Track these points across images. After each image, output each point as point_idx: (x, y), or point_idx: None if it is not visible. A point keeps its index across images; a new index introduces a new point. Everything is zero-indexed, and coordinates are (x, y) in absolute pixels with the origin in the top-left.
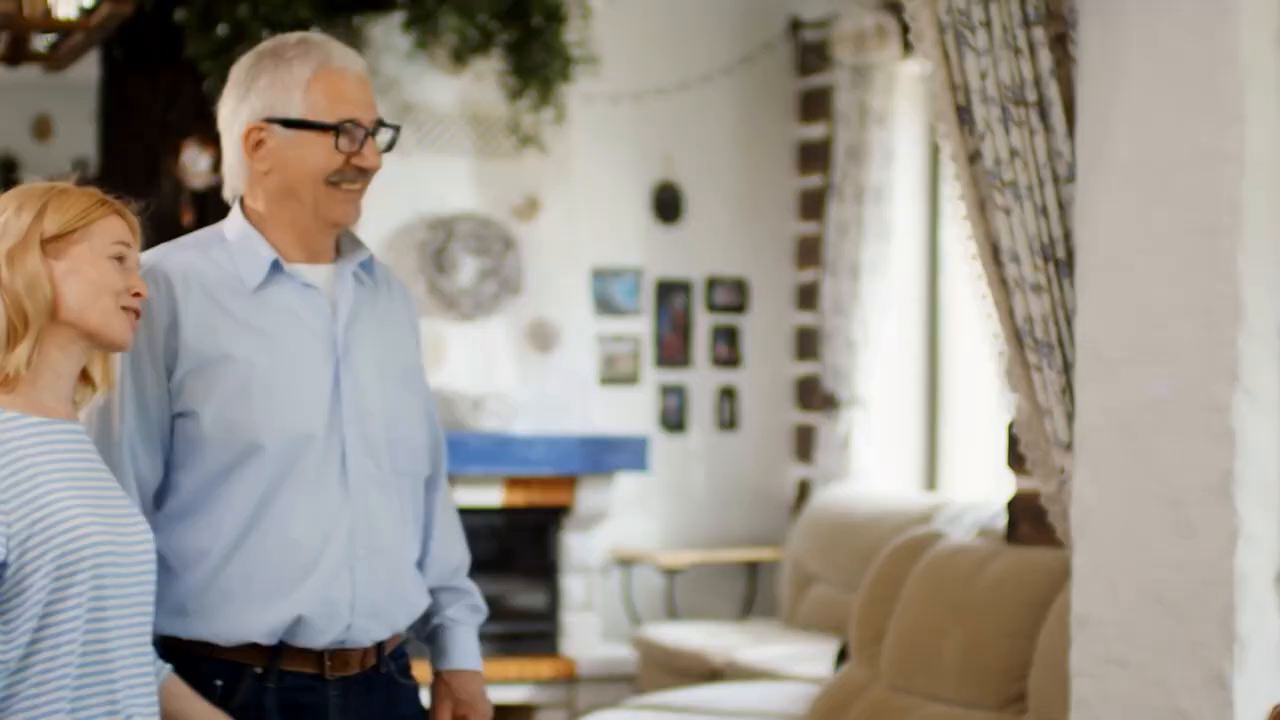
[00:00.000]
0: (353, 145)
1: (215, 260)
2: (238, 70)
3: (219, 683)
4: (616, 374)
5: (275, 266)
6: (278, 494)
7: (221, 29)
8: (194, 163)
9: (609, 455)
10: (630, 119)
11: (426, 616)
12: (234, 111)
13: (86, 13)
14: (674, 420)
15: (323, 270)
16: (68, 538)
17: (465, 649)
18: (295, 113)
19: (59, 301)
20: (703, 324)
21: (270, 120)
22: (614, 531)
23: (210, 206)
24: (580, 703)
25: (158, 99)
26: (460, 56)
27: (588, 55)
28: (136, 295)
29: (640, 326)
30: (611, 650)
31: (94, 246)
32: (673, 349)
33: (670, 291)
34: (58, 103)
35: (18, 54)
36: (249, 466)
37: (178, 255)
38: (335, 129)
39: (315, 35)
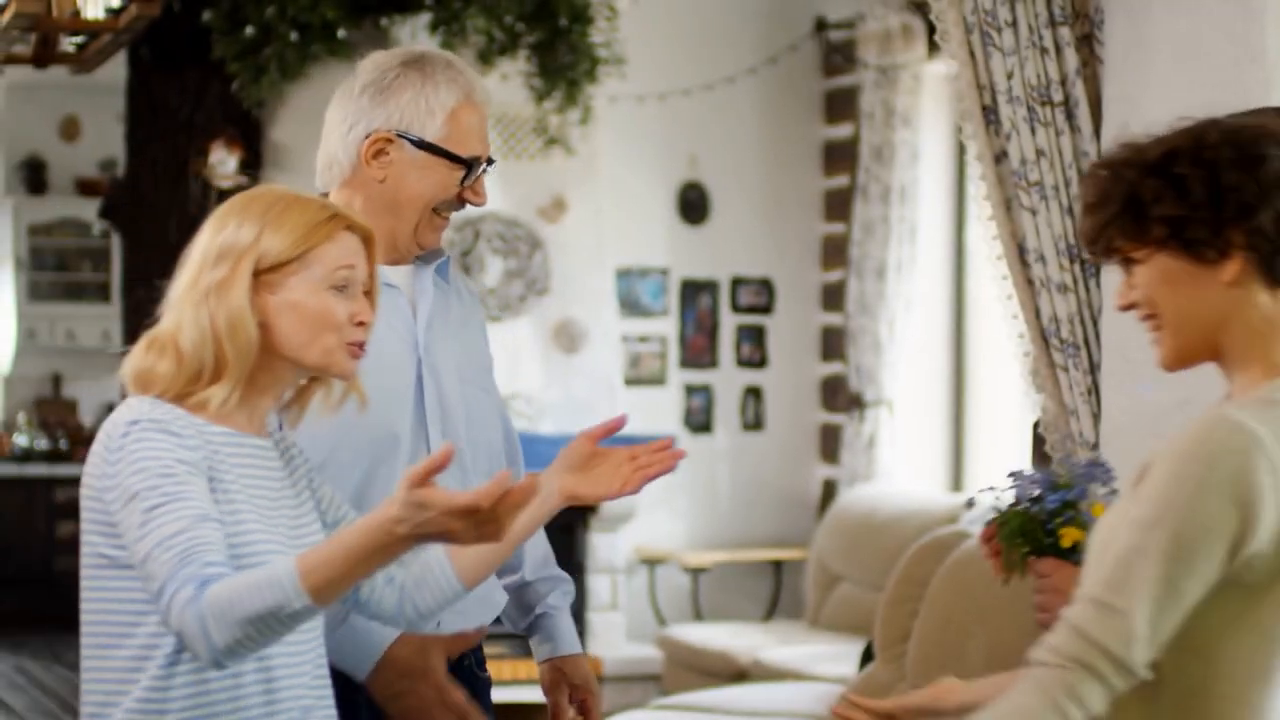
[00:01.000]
0: (471, 180)
1: None
2: (373, 71)
3: None
4: (642, 374)
5: None
6: (366, 495)
7: (249, 30)
8: (221, 163)
9: None
10: (656, 119)
11: (527, 609)
12: (360, 110)
13: (114, 14)
14: (699, 420)
15: (403, 270)
16: (234, 542)
17: (570, 634)
18: (431, 136)
19: (274, 338)
20: (728, 324)
21: (401, 134)
22: (639, 531)
23: None
24: (605, 703)
25: (185, 100)
26: (486, 57)
27: (614, 56)
28: (361, 324)
29: (666, 327)
30: (637, 650)
31: (313, 276)
32: (698, 349)
33: (696, 292)
34: (85, 103)
35: (46, 55)
36: (336, 468)
37: None
38: (467, 164)
39: (456, 59)
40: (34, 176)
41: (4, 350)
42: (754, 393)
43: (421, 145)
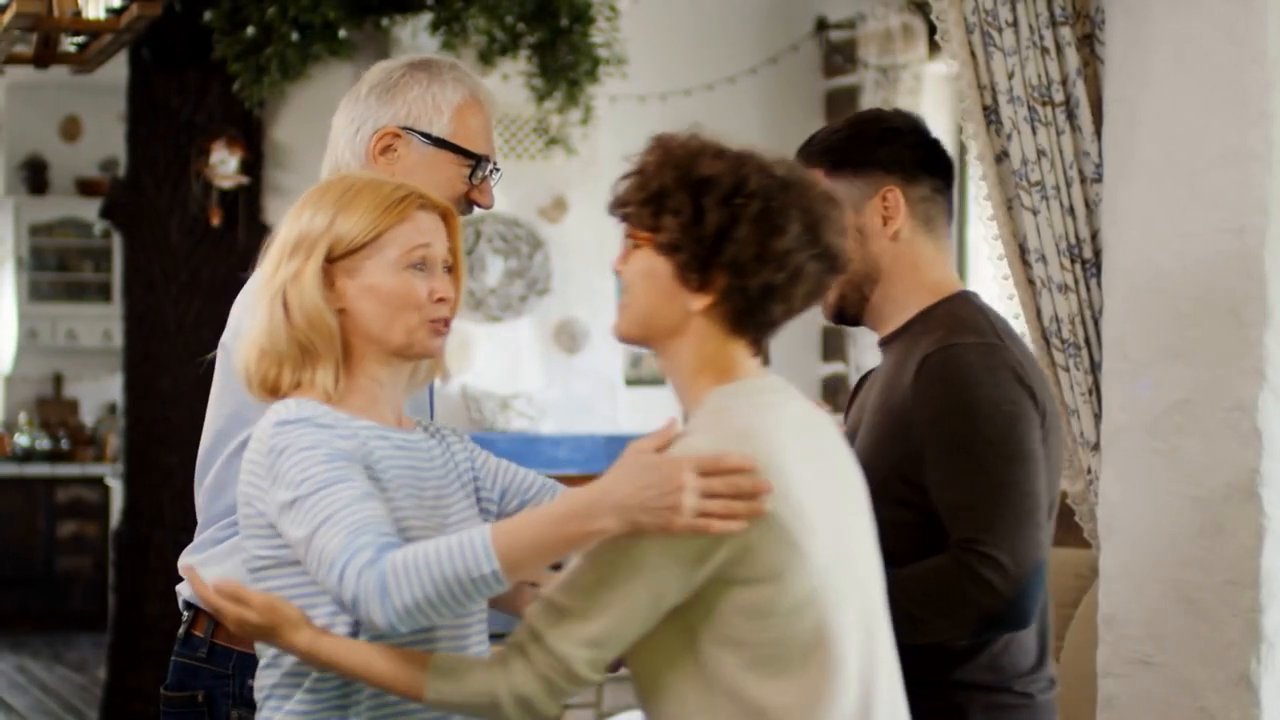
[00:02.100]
0: (479, 179)
1: None
2: (379, 74)
3: None
4: (643, 374)
5: None
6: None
7: (250, 30)
8: (222, 163)
9: None
10: (657, 119)
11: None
12: (368, 110)
13: (115, 14)
14: None
15: None
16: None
17: None
18: (440, 131)
19: (357, 323)
20: None
21: (410, 129)
22: None
23: (239, 206)
24: (606, 702)
25: (186, 99)
26: (487, 58)
27: (614, 56)
28: (441, 300)
29: None
30: None
31: (388, 257)
32: None
33: None
34: (86, 103)
35: (47, 55)
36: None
37: None
38: (476, 159)
39: (462, 64)
40: (35, 176)
41: (5, 350)
42: None
43: (430, 140)
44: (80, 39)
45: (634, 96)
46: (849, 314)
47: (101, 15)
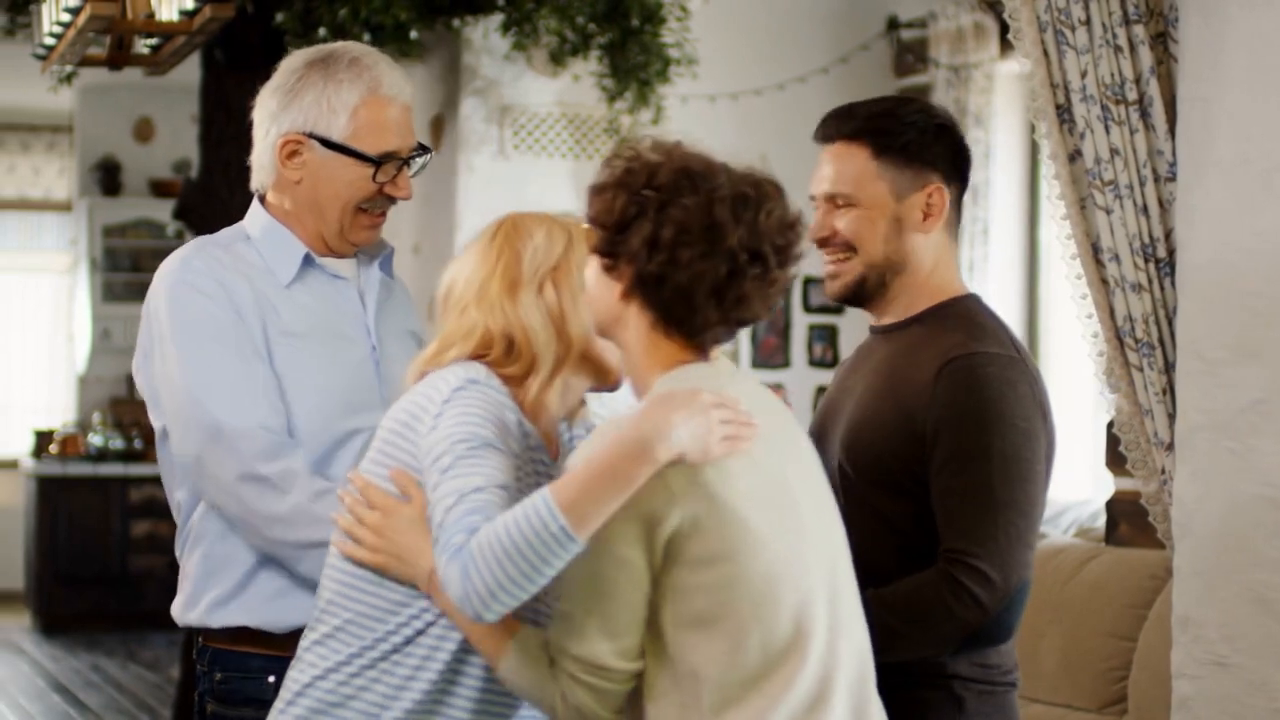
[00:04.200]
0: (387, 176)
1: (241, 256)
2: (284, 73)
3: (271, 679)
4: None
5: (307, 260)
6: (329, 468)
7: (321, 31)
8: None
9: None
10: (728, 119)
11: None
12: (274, 115)
13: (188, 16)
14: None
15: (348, 263)
16: None
17: None
18: (337, 136)
19: (588, 334)
20: (800, 324)
21: (311, 135)
22: None
23: None
24: None
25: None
26: (558, 58)
27: (685, 56)
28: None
29: None
30: None
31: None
32: (770, 349)
33: None
34: (159, 105)
35: (120, 57)
36: (306, 437)
37: (207, 253)
38: (375, 162)
39: (369, 53)
40: (108, 178)
41: (79, 351)
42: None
43: (329, 145)
44: (153, 41)
45: (705, 96)
46: (863, 296)
47: (175, 17)
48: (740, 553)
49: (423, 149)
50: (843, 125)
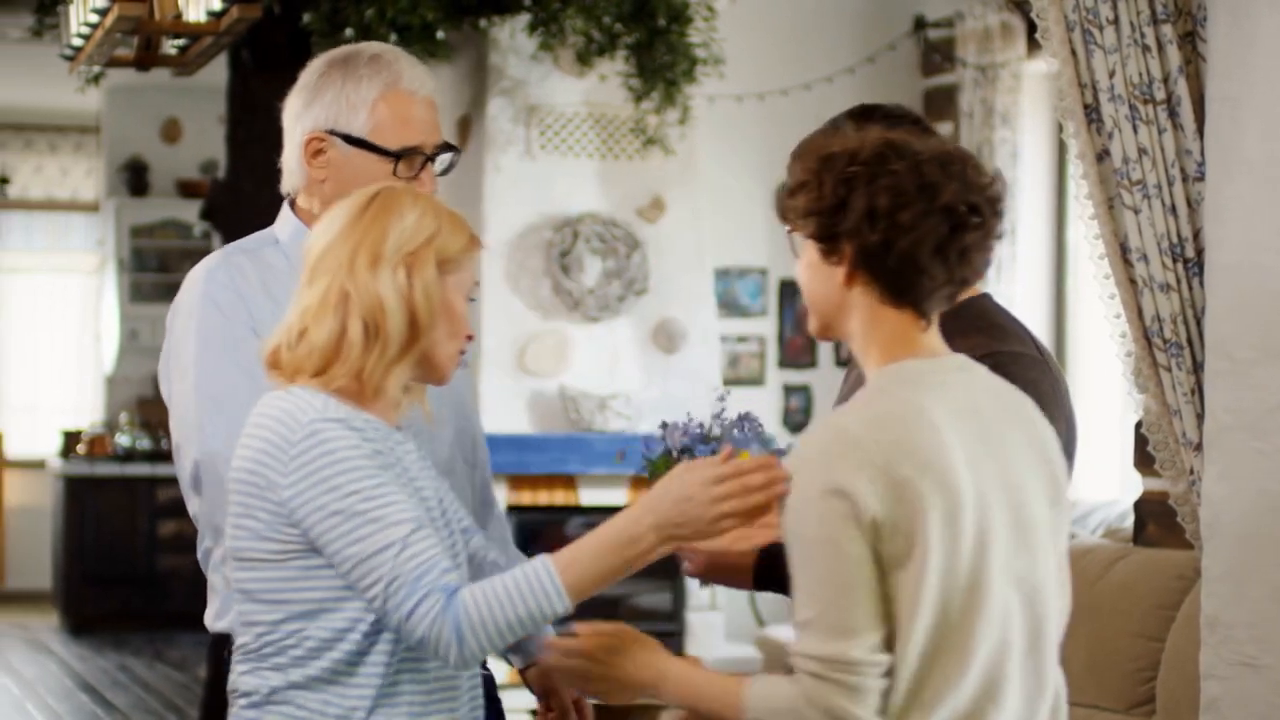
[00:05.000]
0: (410, 171)
1: (269, 262)
2: (308, 73)
3: None
4: (741, 374)
5: None
6: None
7: (348, 32)
8: None
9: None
10: (754, 119)
11: None
12: (298, 115)
13: (215, 16)
14: (798, 420)
15: None
16: None
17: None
18: (358, 131)
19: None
20: None
21: (333, 132)
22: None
23: None
24: None
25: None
26: (585, 58)
27: (712, 56)
28: (469, 339)
29: (764, 327)
30: (736, 650)
31: (462, 282)
32: (797, 349)
33: (795, 291)
34: (186, 106)
35: (148, 58)
36: None
37: (232, 260)
38: (396, 156)
39: (390, 50)
40: (136, 178)
41: (107, 351)
42: None
43: (350, 140)
44: (181, 42)
45: (731, 96)
46: None
47: (202, 18)
48: (931, 556)
49: (449, 147)
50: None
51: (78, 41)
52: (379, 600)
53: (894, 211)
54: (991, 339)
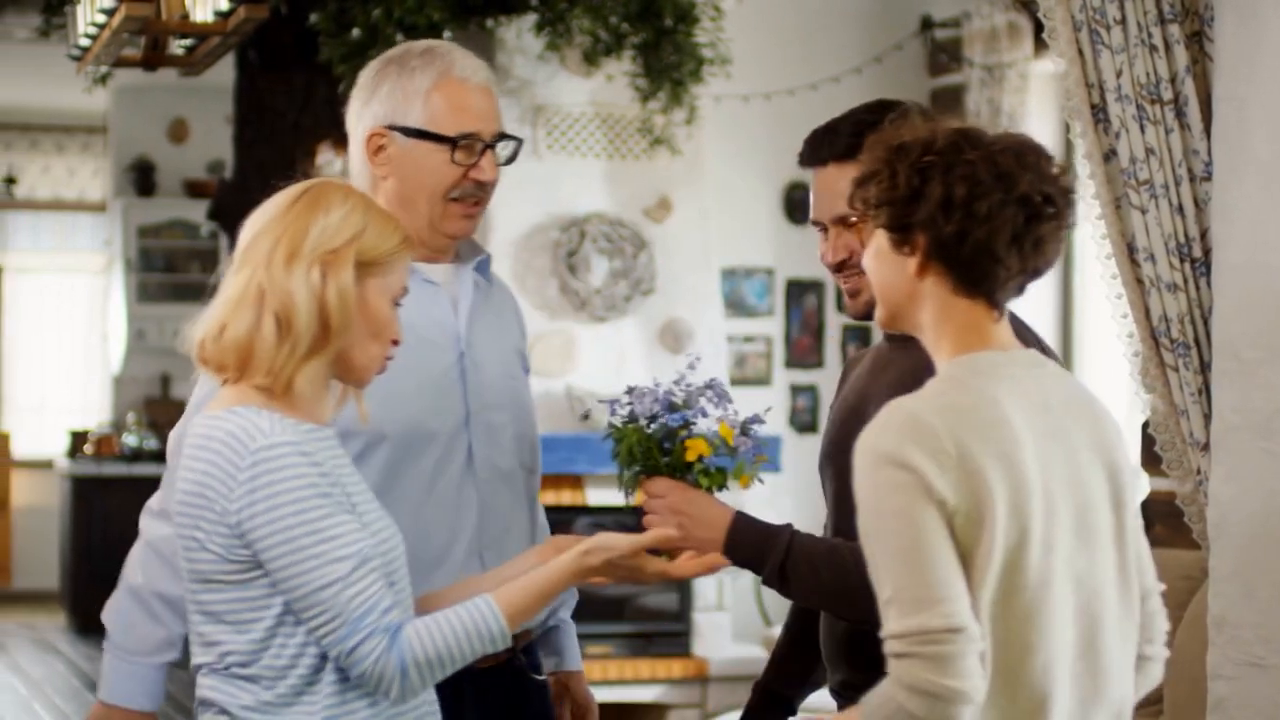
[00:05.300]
0: (469, 158)
1: None
2: (365, 73)
3: None
4: (747, 374)
5: None
6: (399, 485)
7: (355, 33)
8: (328, 165)
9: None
10: (761, 119)
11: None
12: (358, 114)
13: (223, 17)
14: (805, 420)
15: (443, 268)
16: (378, 538)
17: (575, 650)
18: (414, 122)
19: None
20: (834, 324)
21: (391, 127)
22: None
23: None
24: (712, 703)
25: (292, 102)
26: (592, 58)
27: (719, 56)
28: (394, 344)
29: (771, 327)
30: (743, 650)
31: (388, 285)
32: (804, 349)
33: (801, 291)
34: (193, 106)
35: (155, 58)
36: (372, 457)
37: None
38: (452, 142)
39: (443, 44)
40: (143, 178)
41: (114, 351)
42: None
43: (408, 132)
44: (188, 42)
45: (738, 96)
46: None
47: (209, 18)
48: (998, 551)
49: (508, 136)
50: (833, 145)
51: (85, 41)
52: (321, 633)
53: (970, 201)
54: None
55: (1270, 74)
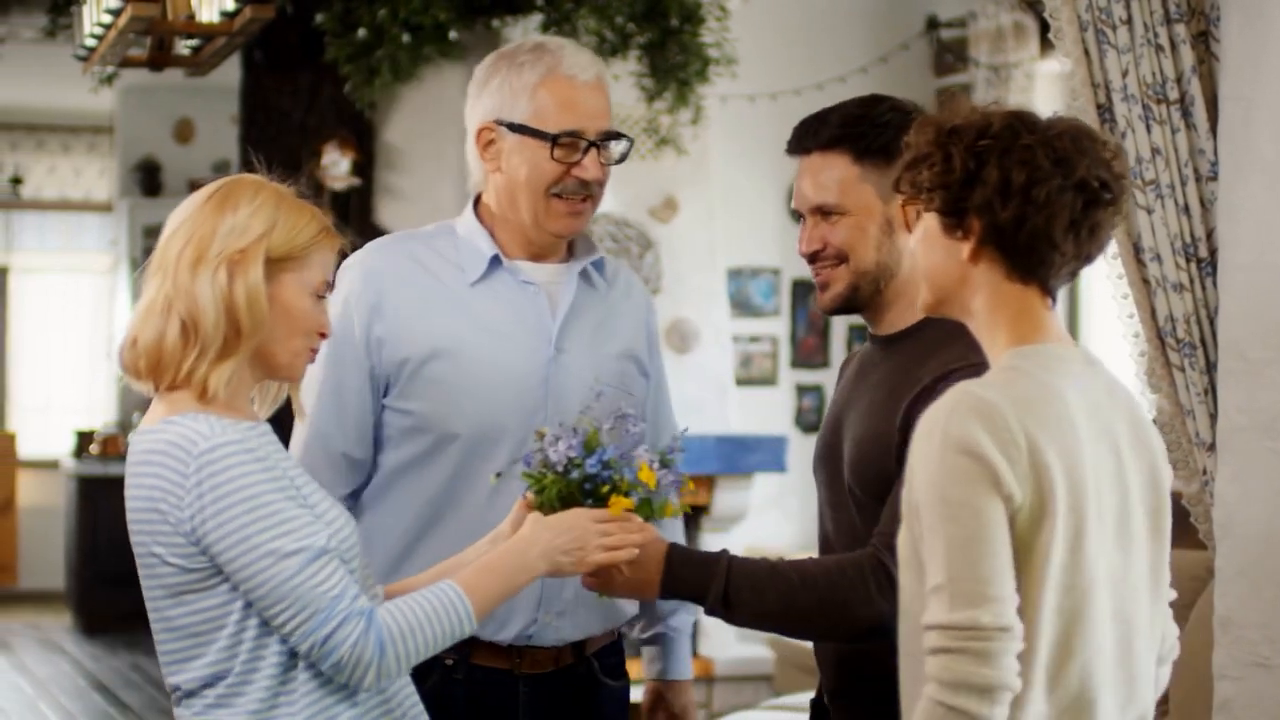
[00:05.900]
0: (571, 155)
1: (440, 251)
2: (480, 68)
3: None
4: (753, 374)
5: (494, 261)
6: (466, 484)
7: (361, 32)
8: (334, 165)
9: (746, 455)
10: (767, 119)
11: (651, 619)
12: (471, 109)
13: (229, 17)
14: (811, 420)
15: (548, 268)
16: (333, 529)
17: (686, 660)
18: (520, 117)
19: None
20: (840, 324)
21: (499, 122)
22: (751, 532)
23: (351, 208)
24: (717, 703)
25: (298, 101)
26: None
27: (724, 56)
28: (322, 336)
29: (777, 327)
30: (748, 650)
31: (305, 279)
32: (810, 349)
33: (807, 291)
34: (199, 106)
35: (161, 58)
36: (442, 455)
37: (400, 246)
38: (553, 138)
39: (555, 40)
40: (149, 178)
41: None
42: None
43: (513, 127)
44: (194, 42)
45: (744, 96)
46: (857, 305)
47: (215, 18)
48: (1057, 546)
49: (616, 135)
50: (819, 134)
51: (91, 42)
52: (291, 628)
53: (1029, 187)
54: (968, 349)
55: (1276, 74)
